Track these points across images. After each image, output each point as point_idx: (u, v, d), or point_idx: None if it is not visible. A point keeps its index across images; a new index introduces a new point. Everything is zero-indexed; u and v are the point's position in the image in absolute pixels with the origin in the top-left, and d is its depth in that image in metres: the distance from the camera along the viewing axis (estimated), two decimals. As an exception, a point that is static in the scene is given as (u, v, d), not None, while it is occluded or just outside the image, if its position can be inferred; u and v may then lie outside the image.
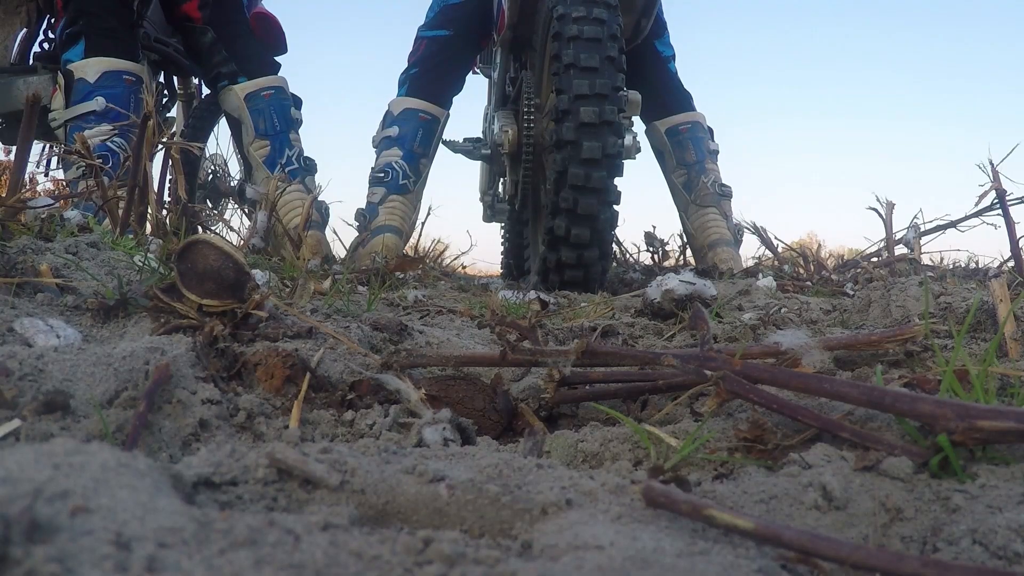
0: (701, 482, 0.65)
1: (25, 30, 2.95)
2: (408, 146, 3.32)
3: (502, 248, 4.22)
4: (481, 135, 3.75)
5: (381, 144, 3.40)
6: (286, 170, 2.98)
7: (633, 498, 0.53)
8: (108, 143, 2.58)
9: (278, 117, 3.06)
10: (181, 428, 0.75)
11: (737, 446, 0.73)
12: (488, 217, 3.95)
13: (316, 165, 3.22)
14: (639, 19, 2.70)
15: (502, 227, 4.21)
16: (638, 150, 2.45)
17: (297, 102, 3.25)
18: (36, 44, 3.01)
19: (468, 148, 3.55)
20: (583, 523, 0.48)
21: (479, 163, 3.97)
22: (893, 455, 0.63)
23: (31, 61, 2.99)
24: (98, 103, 2.63)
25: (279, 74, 3.21)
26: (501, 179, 3.64)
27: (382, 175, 3.31)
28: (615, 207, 2.22)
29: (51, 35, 2.96)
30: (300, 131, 3.22)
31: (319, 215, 3.04)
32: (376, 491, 0.53)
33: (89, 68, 2.67)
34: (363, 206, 3.38)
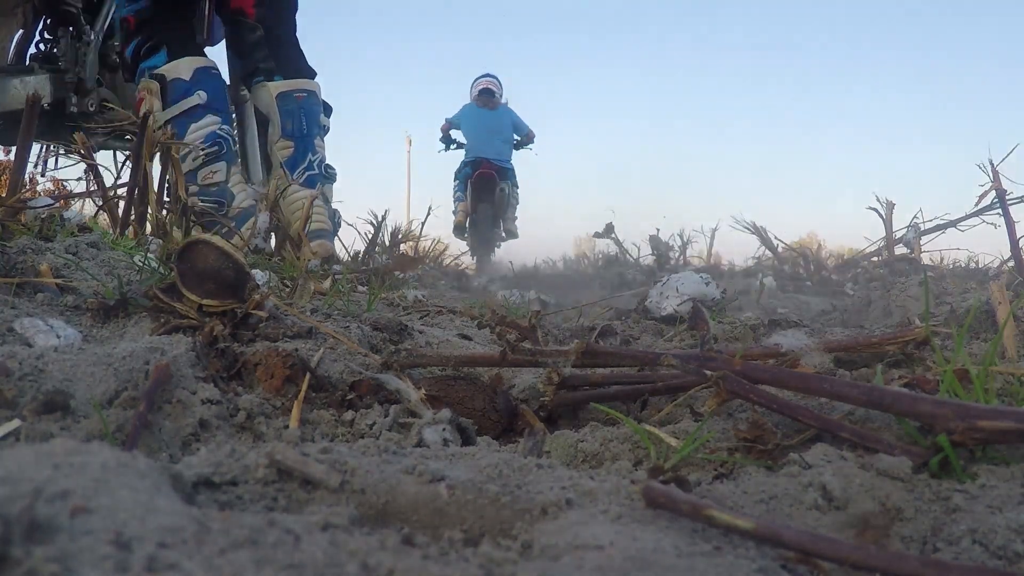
0: (701, 482, 0.65)
1: (21, 31, 2.96)
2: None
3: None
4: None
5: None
6: (306, 174, 2.99)
7: (633, 498, 0.53)
8: (217, 131, 2.73)
9: (307, 120, 3.06)
10: (181, 428, 0.75)
11: (737, 446, 0.73)
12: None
13: (336, 174, 3.21)
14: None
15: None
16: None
17: (327, 109, 3.25)
18: (32, 45, 3.01)
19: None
20: (583, 523, 0.48)
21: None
22: (893, 455, 0.63)
23: (27, 62, 2.99)
24: (200, 97, 2.76)
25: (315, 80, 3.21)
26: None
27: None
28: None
29: (47, 36, 2.98)
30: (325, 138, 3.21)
31: (330, 224, 3.03)
32: (376, 491, 0.53)
33: (182, 67, 2.79)
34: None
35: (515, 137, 7.39)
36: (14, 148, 1.67)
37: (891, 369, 1.05)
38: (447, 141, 7.48)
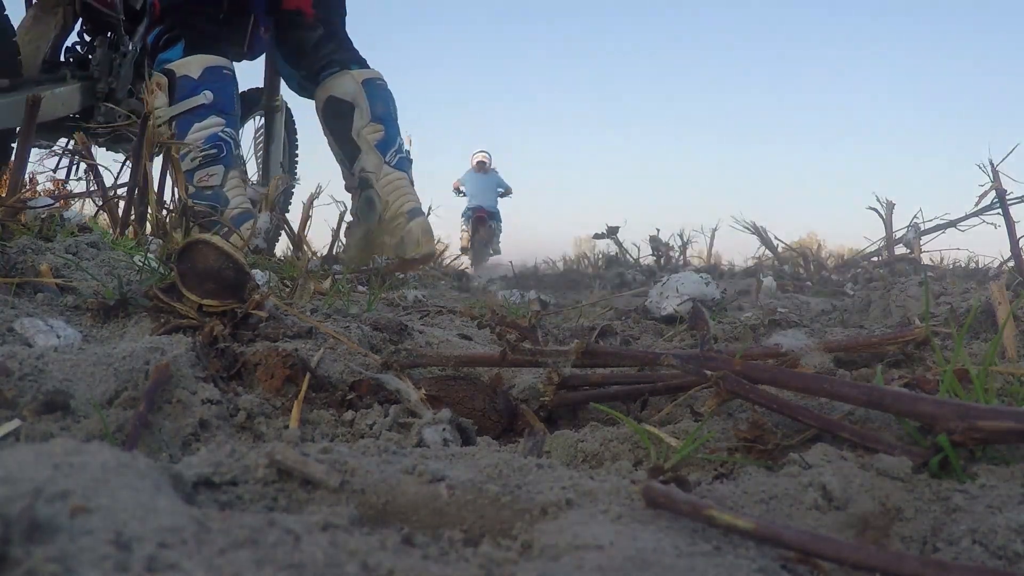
0: (701, 482, 0.65)
1: (57, 33, 2.93)
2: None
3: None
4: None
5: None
6: (397, 156, 2.97)
7: (633, 498, 0.53)
8: (219, 133, 2.70)
9: (392, 106, 3.04)
10: (181, 428, 0.75)
11: (737, 446, 0.73)
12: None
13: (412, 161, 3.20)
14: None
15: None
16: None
17: None
18: (68, 43, 2.98)
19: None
20: (583, 523, 0.48)
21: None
22: (893, 455, 0.63)
23: (63, 57, 2.95)
24: (206, 96, 2.73)
25: None
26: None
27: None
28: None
29: (86, 38, 2.95)
30: None
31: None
32: (376, 491, 0.53)
33: (192, 65, 2.75)
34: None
35: (500, 190, 11.44)
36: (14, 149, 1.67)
37: (891, 369, 1.05)
38: (457, 192, 11.49)
